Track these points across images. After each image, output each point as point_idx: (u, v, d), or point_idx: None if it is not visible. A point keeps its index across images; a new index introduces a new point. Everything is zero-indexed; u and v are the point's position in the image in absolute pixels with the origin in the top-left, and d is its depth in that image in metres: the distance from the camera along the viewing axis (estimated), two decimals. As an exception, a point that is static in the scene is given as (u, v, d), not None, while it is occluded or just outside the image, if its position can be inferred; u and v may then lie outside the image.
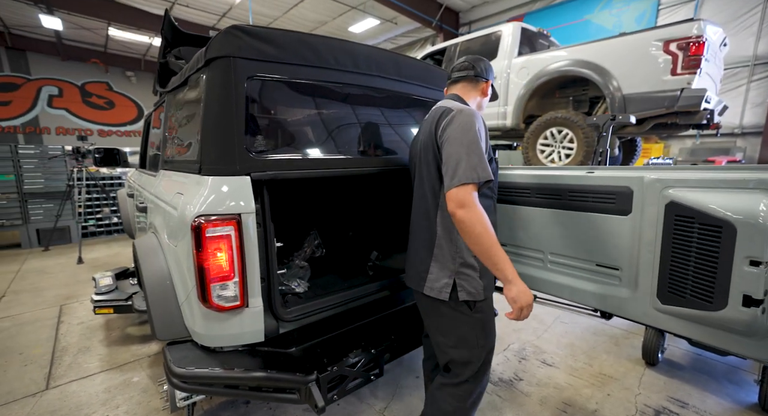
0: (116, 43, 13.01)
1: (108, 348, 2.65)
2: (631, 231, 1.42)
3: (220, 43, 1.29)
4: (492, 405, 2.08)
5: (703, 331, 1.25)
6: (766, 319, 1.08)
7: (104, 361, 2.48)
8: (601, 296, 1.54)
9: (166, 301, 1.37)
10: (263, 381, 1.25)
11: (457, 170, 1.10)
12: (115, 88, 15.06)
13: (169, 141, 1.86)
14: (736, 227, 1.09)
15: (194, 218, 1.18)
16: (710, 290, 1.15)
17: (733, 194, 1.15)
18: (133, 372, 2.36)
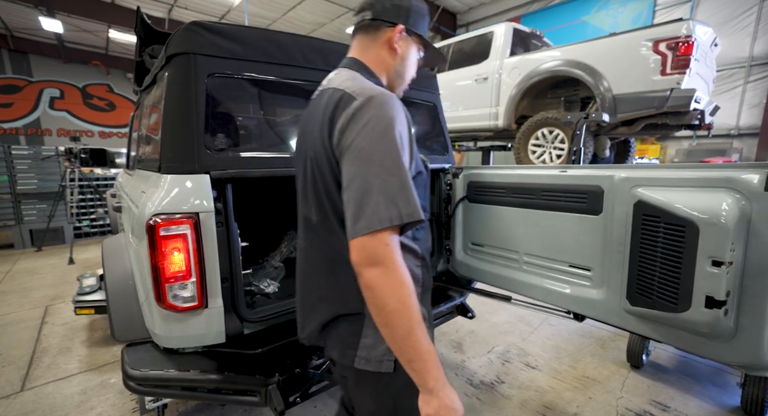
0: (117, 46, 13.11)
1: (89, 349, 2.64)
2: (602, 231, 1.40)
3: (179, 40, 1.27)
4: (471, 408, 2.05)
5: (670, 333, 1.22)
6: (728, 321, 1.06)
7: (83, 362, 2.47)
8: (574, 297, 1.52)
9: (126, 301, 1.36)
10: (221, 384, 1.23)
11: (364, 206, 0.70)
12: (116, 90, 15.16)
13: (142, 140, 1.84)
14: (699, 227, 1.06)
15: (149, 217, 1.17)
16: (675, 291, 1.13)
17: (698, 193, 1.13)
18: (112, 373, 2.35)
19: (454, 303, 1.98)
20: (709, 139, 7.12)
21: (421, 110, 2.05)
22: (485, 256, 1.93)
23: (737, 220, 1.03)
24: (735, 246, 1.03)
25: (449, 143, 2.16)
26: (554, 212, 1.57)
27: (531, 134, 4.40)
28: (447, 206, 2.12)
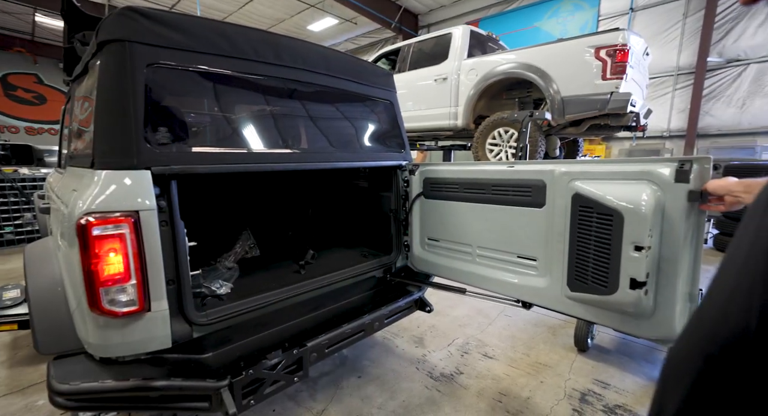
0: (46, 32, 11.83)
1: (10, 370, 2.36)
2: (546, 223, 1.49)
3: (112, 26, 1.18)
4: (431, 401, 2.10)
5: (604, 315, 1.32)
6: (648, 300, 1.17)
7: (3, 385, 2.20)
8: (522, 286, 1.60)
9: (53, 310, 1.23)
10: (167, 391, 1.15)
11: None
12: (46, 82, 13.69)
13: (73, 135, 1.69)
14: (624, 216, 1.17)
15: (81, 216, 1.07)
16: (605, 275, 1.23)
17: (624, 185, 1.23)
18: (39, 394, 2.12)
19: (413, 298, 2.01)
20: (645, 140, 7.82)
21: (378, 107, 2.06)
22: (441, 250, 1.99)
23: (654, 209, 1.15)
24: (652, 232, 1.14)
25: (406, 140, 2.19)
26: (503, 206, 1.65)
27: (488, 134, 4.57)
28: (405, 202, 2.15)
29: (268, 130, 1.53)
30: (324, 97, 1.78)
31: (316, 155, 1.67)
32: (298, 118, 1.67)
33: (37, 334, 1.20)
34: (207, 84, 1.38)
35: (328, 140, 1.76)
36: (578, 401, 2.09)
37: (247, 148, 1.45)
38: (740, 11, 6.58)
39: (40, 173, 5.48)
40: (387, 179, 2.15)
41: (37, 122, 13.61)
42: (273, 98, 1.57)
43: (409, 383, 2.26)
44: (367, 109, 1.99)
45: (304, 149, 1.63)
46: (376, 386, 2.23)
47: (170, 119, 1.29)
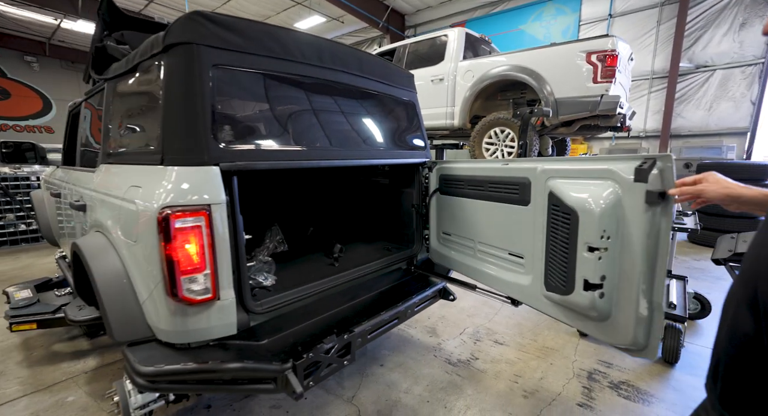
0: (8, 22, 11.10)
1: (30, 369, 2.33)
2: (531, 221, 1.51)
3: (181, 29, 1.23)
4: (453, 384, 2.23)
5: (572, 316, 1.33)
6: (605, 304, 1.17)
7: (27, 384, 2.18)
8: (512, 283, 1.66)
9: (123, 301, 1.27)
10: (239, 373, 1.22)
11: None
12: (9, 75, 12.88)
13: (113, 133, 1.71)
14: (579, 215, 1.19)
15: (160, 210, 1.13)
16: (565, 274, 1.25)
17: (588, 183, 1.23)
18: (67, 391, 2.12)
19: (438, 288, 2.14)
20: (625, 140, 8.27)
21: (403, 107, 2.17)
22: (452, 244, 2.09)
23: (608, 209, 1.11)
24: (608, 234, 1.12)
25: (426, 138, 2.31)
26: (498, 203, 1.69)
27: (485, 133, 4.76)
28: (425, 197, 2.26)
29: (313, 128, 1.61)
30: (358, 97, 1.87)
31: (353, 152, 1.76)
32: (337, 116, 1.75)
33: (112, 323, 1.24)
34: (261, 84, 1.44)
35: (362, 138, 1.86)
36: (586, 379, 2.28)
37: (297, 145, 1.52)
38: (707, 20, 7.07)
39: (23, 173, 5.26)
40: (409, 175, 2.26)
41: (1, 118, 12.78)
42: (316, 98, 1.65)
43: (429, 369, 2.38)
44: (393, 108, 2.10)
45: (343, 147, 1.72)
46: (399, 373, 2.34)
47: (232, 117, 1.35)
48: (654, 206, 1.08)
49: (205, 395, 2.06)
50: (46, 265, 4.56)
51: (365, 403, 2.05)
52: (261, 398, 2.07)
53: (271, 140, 1.45)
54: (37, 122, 13.43)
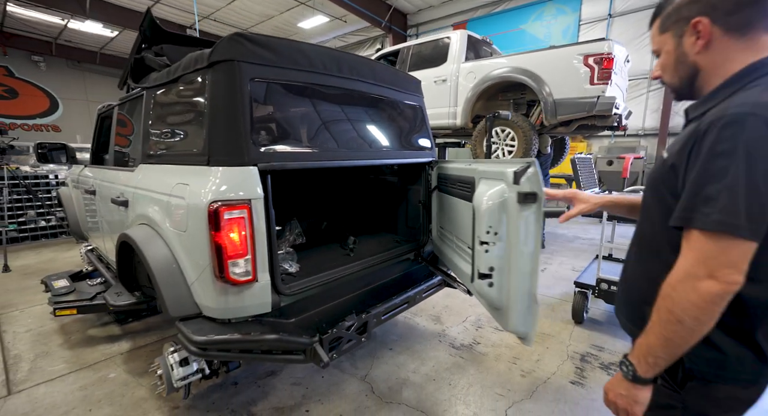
0: (17, 22, 11.28)
1: (71, 351, 2.55)
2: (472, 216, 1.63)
3: (225, 48, 1.43)
4: (457, 365, 2.44)
5: (486, 304, 1.54)
6: (495, 292, 1.37)
7: (71, 363, 2.40)
8: (465, 274, 1.79)
9: (174, 282, 1.48)
10: (275, 343, 1.42)
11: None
12: (17, 75, 13.08)
13: (154, 135, 1.90)
14: (475, 212, 1.38)
15: (210, 204, 1.33)
16: (471, 264, 1.46)
17: (495, 184, 1.40)
18: (107, 369, 2.33)
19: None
20: (623, 138, 8.43)
21: (412, 110, 2.36)
22: (445, 238, 2.28)
23: (493, 208, 1.30)
24: (495, 230, 1.29)
25: (432, 139, 2.50)
26: (462, 200, 1.86)
27: (486, 133, 4.94)
28: (430, 194, 2.46)
29: (334, 131, 1.81)
30: (371, 103, 2.06)
31: (368, 153, 1.95)
32: (355, 120, 1.95)
33: (167, 301, 1.44)
34: (290, 93, 1.64)
35: (375, 140, 2.05)
36: (579, 361, 2.48)
37: (320, 147, 1.72)
38: (706, 20, 7.21)
39: (42, 171, 5.48)
40: (416, 173, 2.45)
41: (9, 117, 12.98)
42: (336, 104, 1.84)
43: (435, 352, 2.59)
44: (403, 112, 2.29)
45: (359, 148, 1.91)
46: (407, 355, 2.55)
47: (266, 123, 1.55)
48: (526, 205, 1.24)
49: (232, 373, 2.27)
50: (68, 259, 4.78)
51: (377, 381, 2.25)
52: (283, 376, 2.28)
53: (299, 142, 1.64)
54: (44, 121, 13.64)
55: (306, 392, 2.13)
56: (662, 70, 0.88)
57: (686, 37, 0.80)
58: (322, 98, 1.76)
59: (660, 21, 0.85)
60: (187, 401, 2.01)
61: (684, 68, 0.83)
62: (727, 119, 0.68)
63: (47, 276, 2.89)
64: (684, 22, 0.79)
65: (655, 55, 0.90)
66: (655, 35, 0.88)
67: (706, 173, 0.69)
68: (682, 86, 0.86)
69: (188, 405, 1.99)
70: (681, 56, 0.82)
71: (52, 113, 13.87)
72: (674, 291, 0.72)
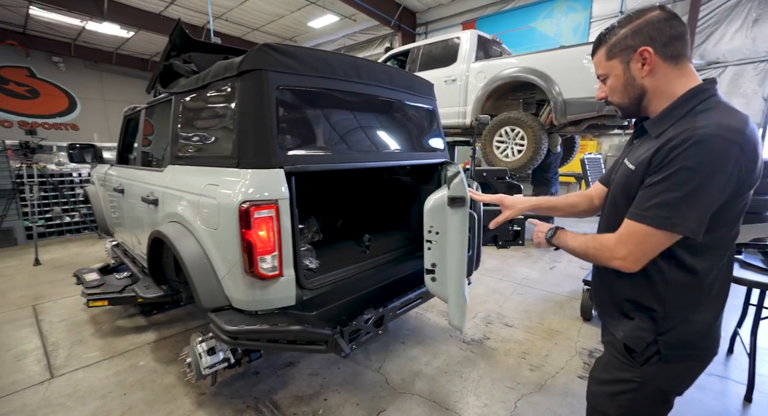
0: (38, 24, 11.62)
1: (103, 340, 2.71)
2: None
3: (254, 58, 1.53)
4: (467, 359, 2.52)
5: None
6: (438, 286, 1.50)
7: (104, 351, 2.56)
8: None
9: (206, 276, 1.59)
10: (300, 334, 1.53)
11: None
12: (38, 75, 13.49)
13: (182, 138, 2.02)
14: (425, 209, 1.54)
15: (241, 204, 1.43)
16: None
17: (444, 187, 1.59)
18: (137, 357, 2.48)
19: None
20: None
21: (425, 113, 2.44)
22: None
23: (436, 208, 1.44)
24: (435, 229, 1.44)
25: (445, 141, 2.58)
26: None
27: (495, 132, 4.99)
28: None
29: (353, 134, 1.90)
30: (388, 106, 2.15)
31: (384, 155, 2.04)
32: (372, 123, 2.04)
33: (200, 293, 1.56)
34: (312, 99, 1.74)
35: (391, 142, 2.14)
36: (587, 357, 2.55)
37: (340, 150, 1.82)
38: (720, 17, 7.11)
39: (67, 169, 5.70)
40: (429, 174, 2.54)
41: (31, 116, 13.40)
42: (355, 108, 1.93)
43: (446, 346, 2.68)
44: (417, 115, 2.37)
45: (376, 150, 2.01)
46: (419, 349, 2.64)
47: (291, 128, 1.65)
48: (455, 208, 1.37)
49: (254, 363, 2.39)
50: (93, 253, 4.99)
51: (391, 373, 2.36)
52: (302, 367, 2.40)
53: (320, 145, 1.74)
54: (63, 120, 14.03)
55: (324, 382, 2.25)
56: (611, 92, 0.99)
57: (633, 63, 0.91)
58: (341, 103, 1.85)
59: (605, 50, 0.96)
60: (213, 388, 2.13)
61: (633, 90, 0.94)
62: (696, 138, 0.79)
63: (78, 270, 3.05)
64: (630, 50, 0.91)
65: (600, 79, 1.02)
66: (601, 62, 0.98)
67: (669, 184, 0.81)
68: (631, 105, 0.97)
69: (214, 392, 2.12)
70: (630, 80, 0.93)
71: (71, 112, 14.26)
72: (600, 248, 0.95)
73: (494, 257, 4.78)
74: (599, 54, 0.98)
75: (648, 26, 0.88)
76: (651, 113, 0.95)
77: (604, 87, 1.00)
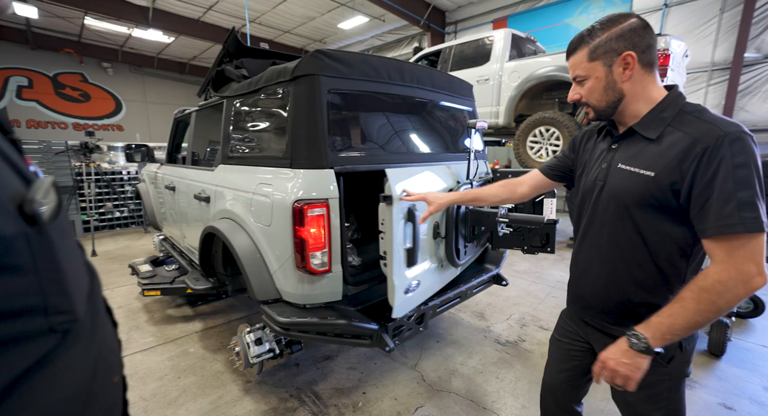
0: (91, 33, 12.55)
1: (156, 327, 2.92)
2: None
3: (307, 64, 1.61)
4: (503, 360, 2.52)
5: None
6: (386, 270, 1.50)
7: (157, 337, 2.75)
8: None
9: (259, 269, 1.70)
10: (347, 328, 1.60)
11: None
12: (90, 80, 14.55)
13: (234, 139, 2.15)
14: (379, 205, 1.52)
15: (295, 202, 1.52)
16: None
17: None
18: (187, 344, 2.65)
19: (493, 273, 2.42)
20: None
21: (461, 114, 2.46)
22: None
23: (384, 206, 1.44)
24: (384, 221, 1.47)
25: (483, 142, 2.58)
26: None
27: (529, 132, 4.90)
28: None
29: (397, 135, 1.95)
30: (431, 108, 2.19)
31: (426, 156, 2.08)
32: (415, 125, 2.08)
33: (253, 286, 1.67)
34: (360, 102, 1.80)
35: (432, 143, 2.18)
36: (629, 363, 2.47)
37: (385, 150, 1.88)
38: (778, 7, 6.61)
39: (118, 168, 6.12)
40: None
41: (83, 118, 14.47)
42: (401, 110, 1.99)
43: (480, 346, 2.69)
44: (456, 116, 2.39)
45: (418, 151, 2.05)
46: (453, 348, 2.66)
47: (341, 130, 1.72)
48: (387, 205, 1.45)
49: (294, 355, 2.50)
50: (141, 246, 5.35)
51: (427, 370, 2.39)
52: (339, 361, 2.48)
53: (368, 146, 1.81)
54: (110, 121, 15.03)
55: (361, 376, 2.32)
56: (588, 93, 0.99)
57: (615, 66, 0.92)
58: (386, 105, 1.91)
59: (587, 51, 0.95)
60: (258, 377, 2.25)
61: (612, 93, 0.95)
62: (731, 136, 0.80)
63: (133, 262, 3.29)
64: (614, 53, 0.91)
65: (576, 80, 1.00)
66: (581, 63, 0.97)
67: (734, 183, 0.79)
68: (607, 108, 0.98)
69: (259, 381, 2.24)
70: (611, 83, 0.94)
71: (117, 114, 15.26)
72: (723, 286, 0.80)
73: (526, 259, 4.70)
74: (579, 55, 0.97)
75: (631, 32, 0.90)
76: (626, 116, 0.97)
77: (579, 89, 1.00)
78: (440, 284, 1.98)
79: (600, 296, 1.08)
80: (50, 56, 13.26)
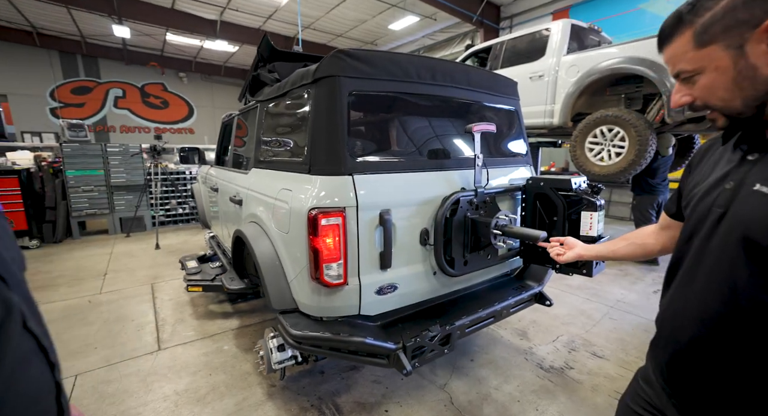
0: (171, 47, 14.09)
1: (198, 321, 3.08)
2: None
3: (328, 65, 1.54)
4: (545, 389, 2.24)
5: None
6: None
7: (197, 331, 2.90)
8: None
9: (277, 277, 1.67)
10: (360, 346, 1.50)
11: None
12: (169, 89, 16.34)
13: (265, 143, 2.16)
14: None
15: (310, 210, 1.45)
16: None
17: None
18: (222, 341, 2.76)
19: (534, 292, 2.17)
20: None
21: (502, 115, 2.23)
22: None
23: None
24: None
25: (528, 144, 2.33)
26: None
27: (589, 132, 4.41)
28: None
29: (425, 140, 1.82)
30: (466, 109, 2.01)
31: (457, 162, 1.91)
32: (448, 128, 1.93)
33: (270, 294, 1.65)
34: (384, 104, 1.70)
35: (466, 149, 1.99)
36: (705, 410, 2.06)
37: (409, 156, 1.75)
38: None
39: (180, 168, 6.70)
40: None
41: (162, 122, 16.33)
42: (430, 112, 1.85)
43: (519, 370, 2.43)
44: (498, 117, 2.18)
45: (453, 156, 1.88)
46: (488, 370, 2.44)
47: (362, 134, 1.63)
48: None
49: (320, 362, 2.47)
50: (197, 241, 5.81)
51: (456, 392, 2.21)
52: (365, 372, 2.39)
53: (390, 152, 1.69)
54: (183, 125, 16.73)
55: (386, 391, 2.20)
56: (708, 92, 0.68)
57: (751, 45, 0.62)
58: (414, 107, 1.78)
59: (692, 35, 0.67)
60: (282, 382, 2.25)
61: (753, 85, 0.64)
62: None
63: (183, 257, 3.53)
64: (745, 27, 0.61)
65: (682, 77, 0.71)
66: (685, 53, 0.68)
67: None
68: (746, 108, 0.66)
69: (283, 386, 2.23)
70: (747, 70, 0.63)
71: (189, 118, 16.96)
72: None
73: (582, 273, 4.23)
74: (679, 42, 0.69)
75: None
76: None
77: (688, 88, 0.71)
78: (434, 293, 1.88)
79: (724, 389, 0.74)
80: (139, 69, 15.16)
